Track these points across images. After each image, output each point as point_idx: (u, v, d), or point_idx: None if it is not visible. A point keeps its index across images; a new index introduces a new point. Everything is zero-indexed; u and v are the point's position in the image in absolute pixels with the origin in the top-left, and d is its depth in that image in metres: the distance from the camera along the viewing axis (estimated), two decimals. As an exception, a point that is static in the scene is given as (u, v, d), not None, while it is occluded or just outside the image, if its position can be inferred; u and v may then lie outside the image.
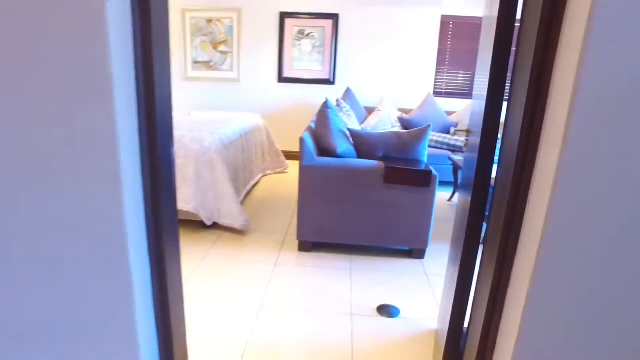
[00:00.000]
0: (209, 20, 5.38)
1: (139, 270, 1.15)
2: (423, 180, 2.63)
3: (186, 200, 3.04)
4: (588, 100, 0.94)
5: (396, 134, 2.87)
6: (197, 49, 5.48)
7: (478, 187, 1.45)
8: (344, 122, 3.48)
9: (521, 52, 1.19)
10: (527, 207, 1.16)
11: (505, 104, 1.33)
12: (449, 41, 5.24)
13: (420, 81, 5.35)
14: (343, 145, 2.74)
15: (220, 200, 3.12)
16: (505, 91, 1.36)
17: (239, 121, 4.08)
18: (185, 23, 5.40)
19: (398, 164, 2.68)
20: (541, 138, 1.11)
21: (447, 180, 4.38)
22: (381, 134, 2.88)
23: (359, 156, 2.88)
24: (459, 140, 4.46)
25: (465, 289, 1.59)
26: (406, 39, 5.22)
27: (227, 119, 4.12)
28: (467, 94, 5.38)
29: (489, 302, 1.29)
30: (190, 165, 3.06)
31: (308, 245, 2.87)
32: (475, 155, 1.44)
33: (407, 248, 2.86)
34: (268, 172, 4.81)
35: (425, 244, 2.78)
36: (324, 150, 2.79)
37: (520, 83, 1.16)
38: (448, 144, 4.54)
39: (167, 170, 1.23)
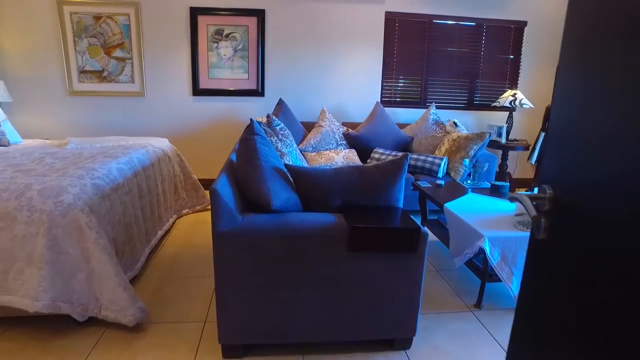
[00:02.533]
0: (97, 17, 4.16)
1: None
2: (408, 242, 1.74)
3: (33, 295, 1.89)
4: None
5: (359, 169, 1.97)
6: (85, 55, 4.23)
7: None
8: (281, 151, 2.52)
9: None
10: None
11: None
12: (395, 42, 4.49)
13: (365, 89, 4.54)
14: (281, 194, 1.78)
15: (96, 282, 2.01)
16: None
17: (135, 151, 2.96)
18: (64, 20, 4.13)
19: (367, 220, 1.77)
20: None
21: (407, 208, 3.59)
22: (337, 171, 1.96)
23: (306, 207, 1.94)
24: (423, 160, 3.69)
25: None
26: (347, 39, 4.38)
27: (117, 150, 2.98)
28: (418, 102, 4.67)
29: None
30: (40, 236, 1.92)
31: (237, 350, 1.86)
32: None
33: (386, 337, 1.95)
34: (185, 211, 3.71)
35: (413, 331, 1.90)
36: (252, 202, 1.81)
37: None
38: (408, 165, 3.74)
39: None
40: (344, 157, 3.74)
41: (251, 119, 2.02)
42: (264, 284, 1.75)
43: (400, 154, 3.77)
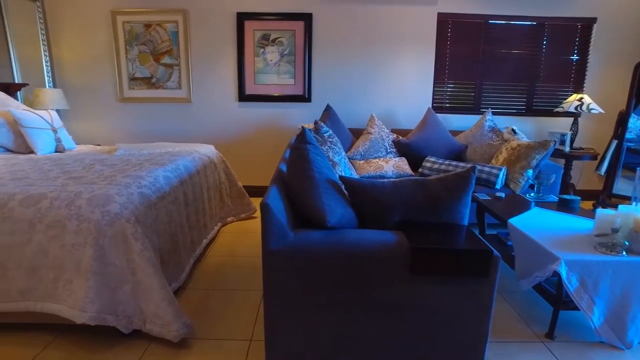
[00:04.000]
0: (147, 25, 4.22)
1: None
2: (478, 266, 1.55)
3: (81, 306, 1.85)
4: None
5: (421, 183, 1.79)
6: (135, 62, 4.30)
7: None
8: (332, 160, 2.38)
9: None
10: None
11: None
12: (448, 44, 4.27)
13: (416, 94, 4.34)
14: (336, 209, 1.63)
15: (141, 295, 1.94)
16: None
17: (182, 158, 2.92)
18: (117, 29, 4.22)
19: (431, 239, 1.59)
20: None
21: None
22: (396, 184, 1.79)
23: (361, 223, 1.78)
24: (479, 170, 3.43)
25: None
26: (397, 43, 4.20)
27: (164, 157, 2.95)
28: (471, 108, 4.40)
29: None
30: (88, 246, 1.88)
31: (285, 375, 1.73)
32: None
33: (447, 368, 1.75)
34: (230, 219, 3.65)
35: (480, 365, 1.69)
36: (305, 217, 1.68)
37: None
38: (462, 175, 3.50)
39: None
40: (394, 165, 3.55)
41: (303, 127, 1.89)
42: (316, 305, 1.60)
43: (454, 162, 3.54)
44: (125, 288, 1.93)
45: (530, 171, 3.10)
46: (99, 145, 4.20)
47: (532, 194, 2.99)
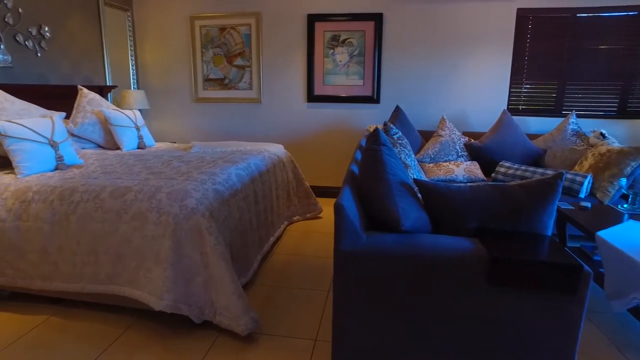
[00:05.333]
0: (222, 29, 4.40)
1: None
2: (566, 282, 1.41)
3: (158, 294, 1.96)
4: None
5: (500, 188, 1.68)
6: (210, 64, 4.51)
7: None
8: (405, 163, 2.32)
9: None
10: None
11: None
12: (527, 42, 4.00)
13: (490, 96, 4.12)
14: (411, 212, 1.58)
15: (213, 288, 2.01)
16: None
17: (253, 157, 3.00)
18: (195, 34, 4.45)
19: (512, 249, 1.48)
20: None
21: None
22: (474, 189, 1.69)
23: (435, 228, 1.71)
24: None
25: None
26: (472, 41, 4.02)
27: (236, 155, 3.05)
28: (551, 110, 4.09)
29: None
30: (166, 237, 1.98)
31: (351, 379, 1.70)
32: None
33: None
34: (296, 218, 3.70)
35: (564, 390, 1.54)
36: (378, 220, 1.64)
37: None
38: (541, 182, 3.26)
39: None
40: (465, 169, 3.39)
41: (377, 128, 1.86)
42: (385, 309, 1.56)
43: (531, 168, 3.30)
44: (198, 280, 2.01)
45: (624, 180, 2.81)
46: (175, 142, 4.46)
47: (625, 205, 2.70)
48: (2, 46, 3.08)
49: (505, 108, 4.11)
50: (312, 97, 4.33)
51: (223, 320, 2.02)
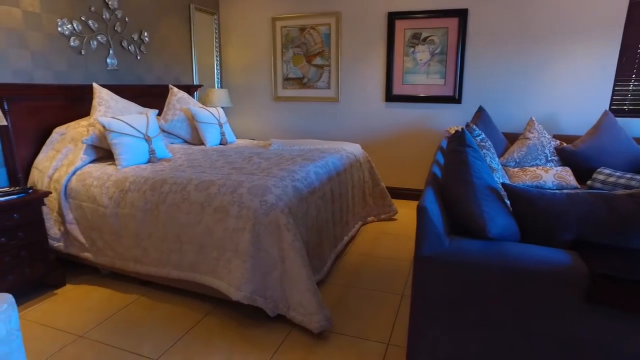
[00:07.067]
0: (302, 29, 4.48)
1: None
2: (687, 309, 1.23)
3: (237, 285, 2.03)
4: None
5: (604, 197, 1.51)
6: (289, 64, 4.62)
7: None
8: (491, 166, 2.19)
9: None
10: None
11: None
12: None
13: (588, 95, 3.75)
14: (498, 219, 1.47)
15: (288, 283, 2.05)
16: None
17: (330, 156, 3.02)
18: (276, 34, 4.58)
19: (617, 266, 1.32)
20: None
21: None
22: (571, 197, 1.54)
23: (526, 238, 1.58)
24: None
25: None
26: (568, 36, 3.68)
27: (314, 153, 3.09)
28: (663, 111, 3.62)
29: None
30: (246, 231, 2.05)
31: (426, 389, 1.63)
32: None
33: None
34: (370, 219, 3.66)
35: None
36: (461, 225, 1.56)
37: None
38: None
39: None
40: (555, 175, 3.12)
41: (462, 128, 1.76)
42: (466, 319, 1.48)
43: (637, 176, 2.95)
44: (274, 274, 2.06)
45: None
46: (254, 139, 4.63)
47: None
48: (111, 51, 3.41)
49: (607, 108, 3.72)
50: (391, 97, 4.25)
51: (296, 315, 2.05)
